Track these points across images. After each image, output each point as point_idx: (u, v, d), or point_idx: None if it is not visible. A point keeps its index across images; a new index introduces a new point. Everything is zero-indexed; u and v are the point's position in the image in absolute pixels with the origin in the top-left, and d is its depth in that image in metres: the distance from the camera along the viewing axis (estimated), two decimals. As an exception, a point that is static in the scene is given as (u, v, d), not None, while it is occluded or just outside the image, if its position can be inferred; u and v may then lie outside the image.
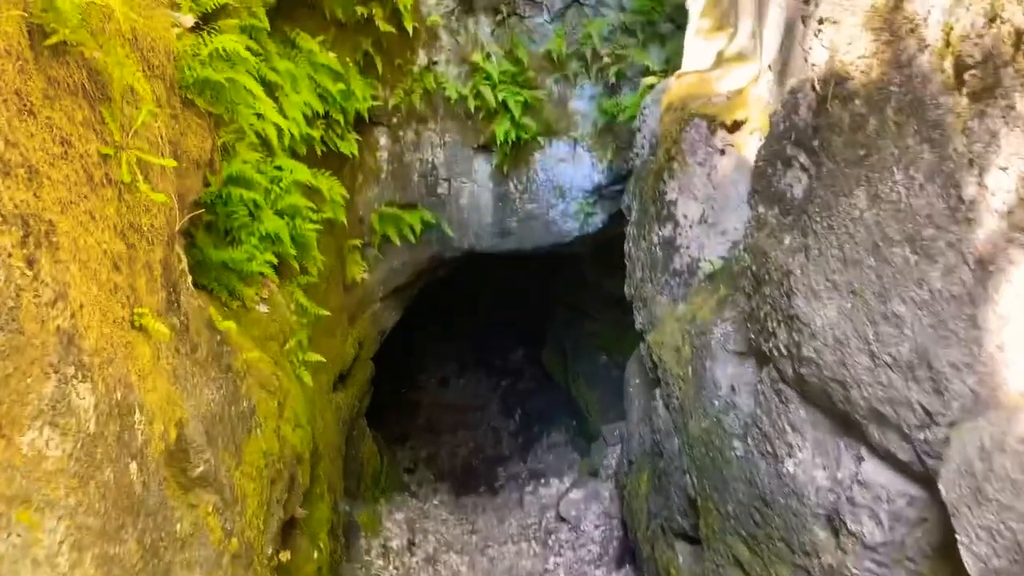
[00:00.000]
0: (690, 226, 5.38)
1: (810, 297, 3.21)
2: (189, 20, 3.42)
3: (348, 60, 6.82)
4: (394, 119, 7.77)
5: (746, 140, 5.04)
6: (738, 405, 4.13)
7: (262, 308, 4.89)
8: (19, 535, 1.82)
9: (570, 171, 8.16)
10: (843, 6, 2.96)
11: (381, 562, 7.12)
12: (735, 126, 5.14)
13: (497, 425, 12.51)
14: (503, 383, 13.49)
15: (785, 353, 3.46)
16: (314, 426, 5.27)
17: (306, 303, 5.59)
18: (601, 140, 8.04)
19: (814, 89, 3.27)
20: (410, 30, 7.08)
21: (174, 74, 3.16)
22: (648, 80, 7.15)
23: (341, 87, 6.56)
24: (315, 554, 5.02)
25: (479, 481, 10.66)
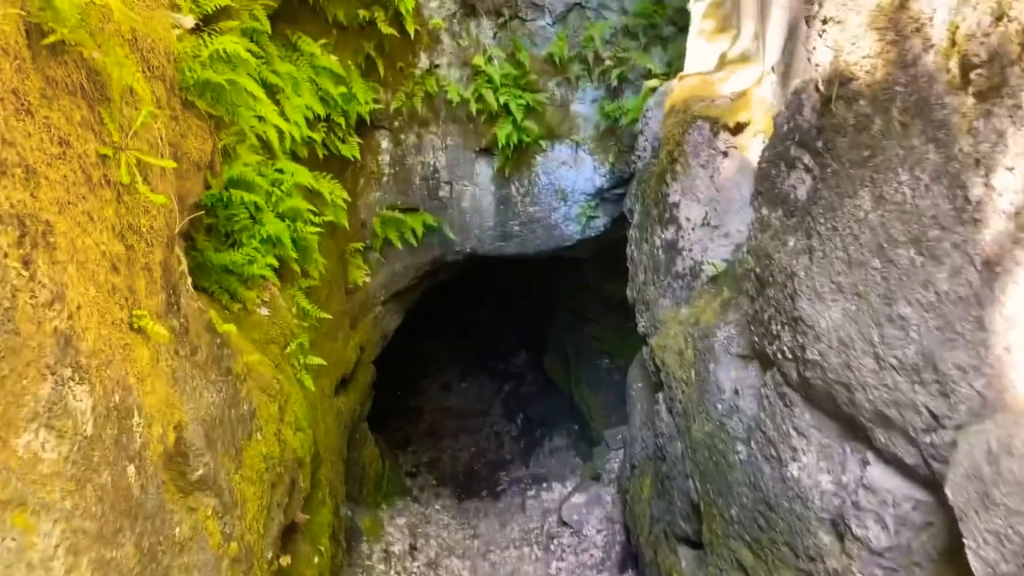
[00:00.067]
0: (693, 229, 5.35)
1: (814, 299, 3.19)
2: (189, 21, 3.40)
3: (350, 63, 6.82)
4: (396, 122, 7.76)
5: (749, 142, 5.02)
6: (742, 409, 4.10)
7: (263, 311, 4.87)
8: (14, 538, 1.80)
9: (572, 174, 8.14)
10: (847, 6, 2.93)
11: (383, 567, 7.09)
12: (738, 128, 5.12)
13: (499, 429, 12.49)
14: (505, 387, 13.48)
15: (789, 356, 3.43)
16: (315, 430, 5.24)
17: (307, 306, 5.58)
18: (603, 143, 8.02)
19: (818, 90, 3.25)
20: (412, 33, 7.08)
21: (174, 75, 3.15)
22: (650, 83, 7.13)
23: (343, 90, 6.56)
24: (316, 559, 4.99)
25: (481, 485, 10.63)
